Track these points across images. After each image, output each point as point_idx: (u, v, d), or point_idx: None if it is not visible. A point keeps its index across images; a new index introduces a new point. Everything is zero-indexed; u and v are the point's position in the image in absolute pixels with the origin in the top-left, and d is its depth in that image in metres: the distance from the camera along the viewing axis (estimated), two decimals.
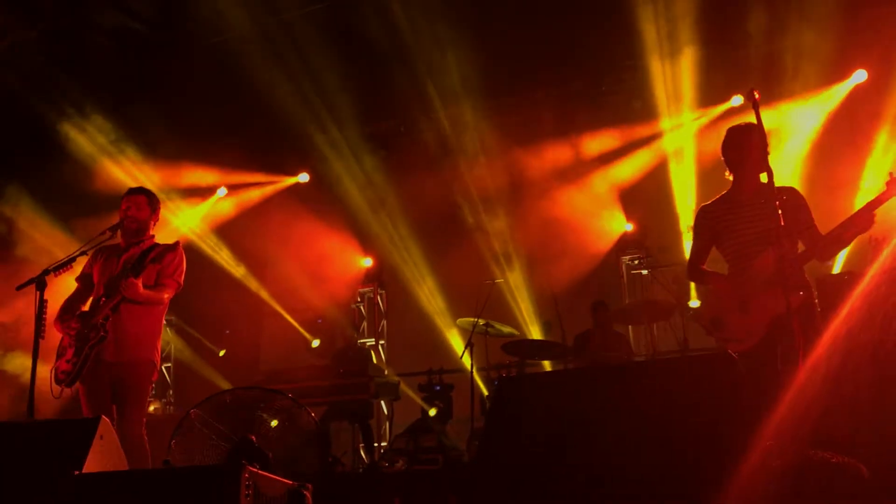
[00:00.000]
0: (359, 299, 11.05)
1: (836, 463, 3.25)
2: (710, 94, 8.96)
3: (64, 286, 5.18)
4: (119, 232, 5.05)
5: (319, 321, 10.36)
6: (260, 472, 2.89)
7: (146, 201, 5.11)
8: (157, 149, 9.33)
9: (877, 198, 4.05)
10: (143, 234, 5.09)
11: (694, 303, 8.20)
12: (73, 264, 4.97)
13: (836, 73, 8.53)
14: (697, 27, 8.26)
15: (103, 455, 3.55)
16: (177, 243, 5.07)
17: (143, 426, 4.80)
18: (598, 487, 2.95)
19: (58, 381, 4.75)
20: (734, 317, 4.30)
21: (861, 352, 3.95)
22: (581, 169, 9.71)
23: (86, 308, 5.00)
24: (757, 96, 3.89)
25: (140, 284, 4.68)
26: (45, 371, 4.73)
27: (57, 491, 3.11)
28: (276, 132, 10.43)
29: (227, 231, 10.44)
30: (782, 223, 3.74)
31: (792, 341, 3.56)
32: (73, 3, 8.56)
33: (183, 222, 10.13)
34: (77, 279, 5.18)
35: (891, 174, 4.03)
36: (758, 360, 4.07)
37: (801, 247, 4.33)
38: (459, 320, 8.02)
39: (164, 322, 5.27)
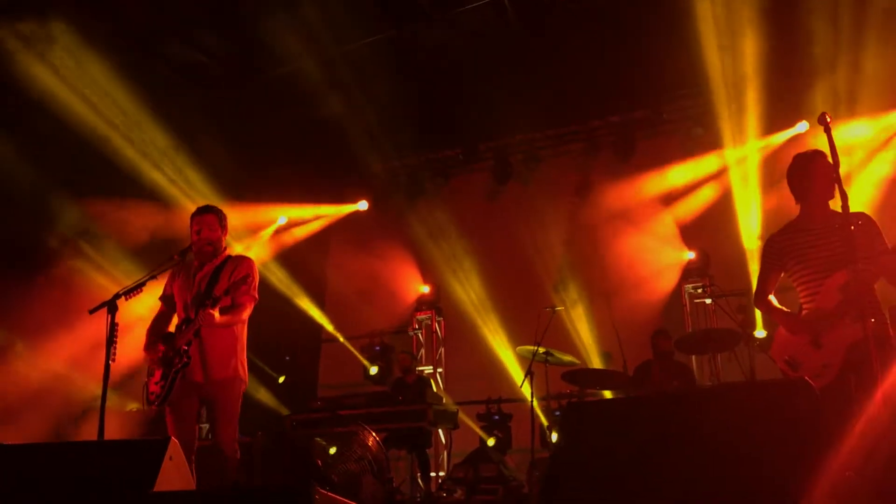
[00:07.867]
0: (416, 326, 11.05)
1: None
2: (774, 120, 8.79)
3: (130, 311, 5.26)
4: (192, 253, 5.07)
5: (377, 348, 10.40)
6: (329, 493, 2.89)
7: (216, 220, 5.09)
8: (221, 176, 9.51)
9: None
10: (218, 253, 5.10)
11: (760, 332, 7.99)
12: (143, 289, 5.02)
13: None
14: (761, 52, 8.14)
15: (173, 476, 3.58)
16: (248, 259, 5.11)
17: (236, 441, 4.86)
18: None
19: (148, 402, 4.84)
20: (809, 353, 4.18)
21: None
22: (642, 197, 9.58)
23: (171, 329, 5.07)
24: (829, 120, 3.82)
25: (216, 314, 4.70)
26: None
27: None
28: (337, 160, 10.58)
29: (287, 258, 10.56)
30: (857, 248, 3.65)
31: (869, 368, 3.44)
32: (143, 37, 8.85)
33: (245, 249, 10.28)
34: (160, 299, 5.23)
35: None
36: (838, 393, 3.95)
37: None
38: (519, 348, 7.92)
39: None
